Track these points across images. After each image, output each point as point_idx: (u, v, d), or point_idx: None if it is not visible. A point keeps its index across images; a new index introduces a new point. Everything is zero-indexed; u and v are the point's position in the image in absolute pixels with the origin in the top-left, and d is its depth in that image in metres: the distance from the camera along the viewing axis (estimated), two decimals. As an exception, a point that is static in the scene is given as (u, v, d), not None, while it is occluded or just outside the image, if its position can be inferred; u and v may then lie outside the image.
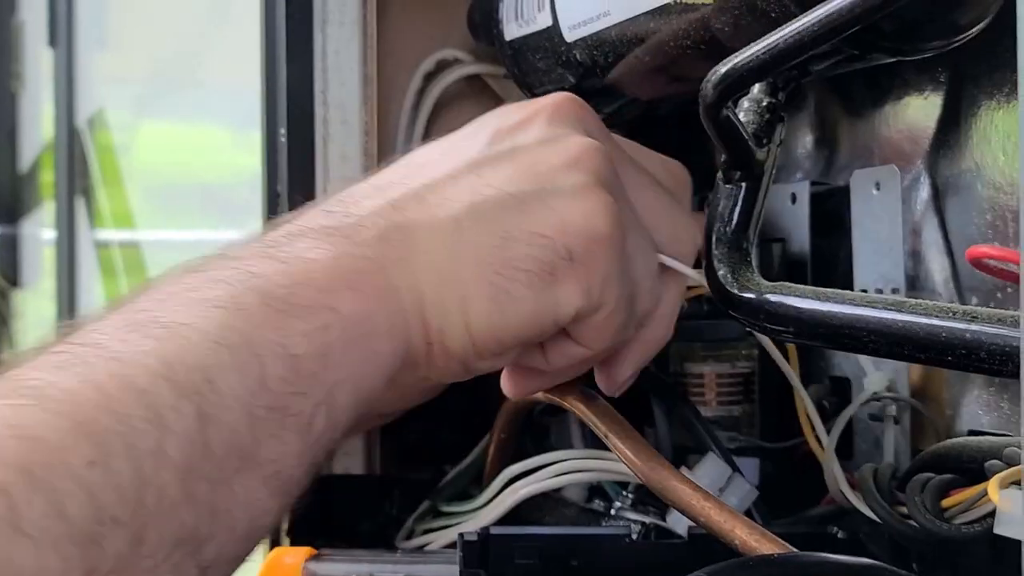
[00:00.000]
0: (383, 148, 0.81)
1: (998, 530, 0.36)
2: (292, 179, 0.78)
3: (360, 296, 0.45)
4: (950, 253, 0.58)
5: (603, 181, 0.50)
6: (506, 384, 0.56)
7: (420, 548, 0.67)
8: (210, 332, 0.42)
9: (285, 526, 0.70)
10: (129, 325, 0.42)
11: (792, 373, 0.57)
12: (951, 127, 0.58)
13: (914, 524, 0.51)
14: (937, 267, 0.59)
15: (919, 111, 0.61)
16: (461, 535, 0.57)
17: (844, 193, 0.63)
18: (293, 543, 0.68)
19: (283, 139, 0.78)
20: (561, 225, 0.48)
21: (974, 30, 0.51)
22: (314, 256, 0.45)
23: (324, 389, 0.44)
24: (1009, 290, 0.55)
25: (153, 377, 0.40)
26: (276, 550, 0.64)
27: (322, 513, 0.71)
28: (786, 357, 0.59)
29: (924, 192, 0.60)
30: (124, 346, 0.41)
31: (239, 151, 1.13)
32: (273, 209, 0.79)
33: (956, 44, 0.51)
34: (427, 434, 0.81)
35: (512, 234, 0.48)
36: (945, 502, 0.50)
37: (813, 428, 0.58)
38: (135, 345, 0.41)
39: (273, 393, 0.42)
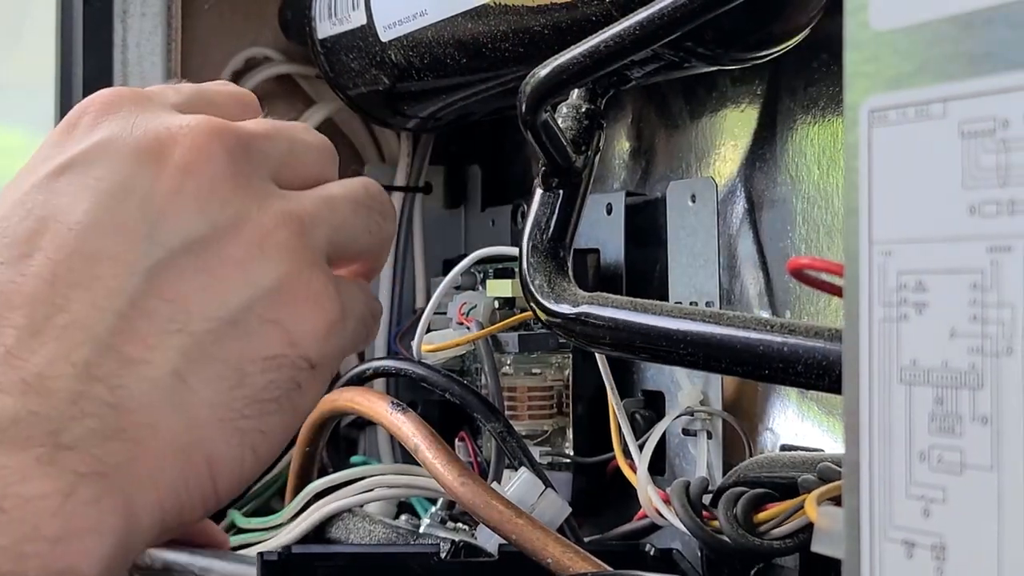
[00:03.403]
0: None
1: (815, 548, 0.35)
2: (88, 177, 0.74)
3: (98, 540, 0.34)
4: (764, 267, 0.58)
5: (300, 252, 0.40)
6: None
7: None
8: None
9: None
10: None
11: (612, 386, 0.56)
12: (767, 140, 0.59)
13: (726, 539, 0.50)
14: (751, 281, 0.59)
15: (736, 123, 0.61)
16: (260, 554, 0.54)
17: (660, 204, 0.62)
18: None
19: (78, 134, 0.74)
20: (289, 338, 0.39)
21: (791, 42, 0.51)
22: (35, 492, 0.33)
23: None
24: (822, 304, 0.55)
25: None
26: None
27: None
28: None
29: (740, 205, 0.60)
30: None
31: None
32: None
33: (773, 56, 0.52)
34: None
35: (244, 368, 0.38)
36: (758, 516, 0.49)
37: (624, 443, 0.57)
38: None
39: None
